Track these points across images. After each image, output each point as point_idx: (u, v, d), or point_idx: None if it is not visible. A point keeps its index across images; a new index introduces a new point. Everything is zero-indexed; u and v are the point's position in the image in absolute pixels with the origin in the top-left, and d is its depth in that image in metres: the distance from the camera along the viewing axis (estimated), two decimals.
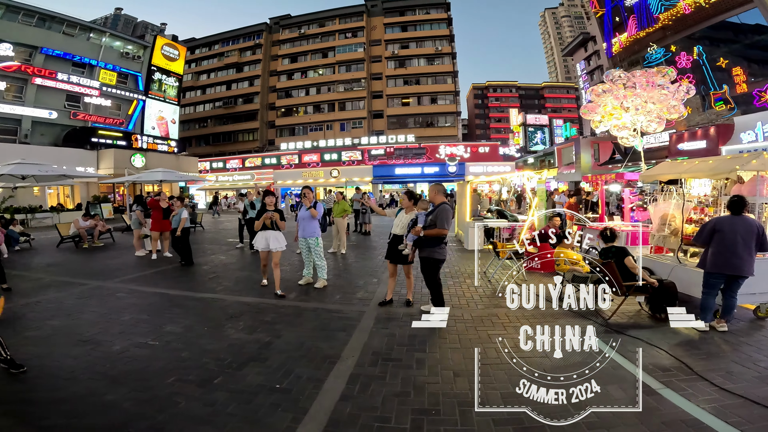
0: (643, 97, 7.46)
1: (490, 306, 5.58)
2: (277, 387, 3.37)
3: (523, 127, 53.39)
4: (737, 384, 3.21)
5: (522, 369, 3.49)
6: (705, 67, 19.86)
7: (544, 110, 70.71)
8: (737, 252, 4.23)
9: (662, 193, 5.71)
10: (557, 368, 3.58)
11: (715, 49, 19.66)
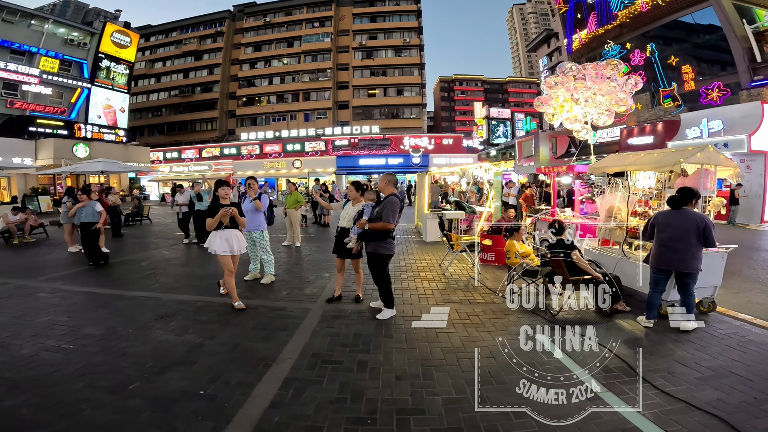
0: (592, 89, 7.53)
1: (441, 302, 5.42)
2: (201, 393, 3.11)
3: (487, 120, 54.47)
4: (679, 387, 3.14)
5: (461, 372, 3.40)
6: (656, 64, 20.75)
7: (507, 104, 72.31)
8: (677, 247, 4.18)
9: (609, 185, 5.75)
10: (505, 370, 3.47)
11: (667, 47, 20.55)
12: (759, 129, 14.38)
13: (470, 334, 4.25)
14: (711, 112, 16.62)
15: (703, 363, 3.51)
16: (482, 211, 9.39)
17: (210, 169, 34.67)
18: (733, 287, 5.93)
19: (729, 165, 4.61)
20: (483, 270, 7.10)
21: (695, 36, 19.57)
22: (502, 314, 4.86)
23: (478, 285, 6.19)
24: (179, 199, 11.04)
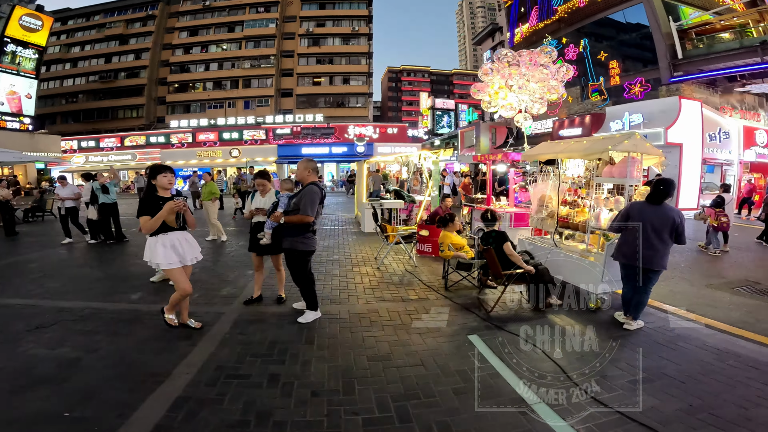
0: (526, 75, 7.47)
1: (372, 300, 5.04)
2: (67, 415, 2.63)
3: (432, 111, 55.47)
4: (613, 393, 2.93)
5: (387, 384, 3.02)
6: (587, 59, 21.79)
7: (452, 96, 74.14)
8: (650, 243, 3.91)
9: (541, 173, 5.65)
10: (434, 381, 3.12)
11: (598, 43, 21.60)
12: (675, 123, 15.49)
13: (400, 338, 3.89)
14: (633, 106, 17.70)
15: (634, 364, 3.35)
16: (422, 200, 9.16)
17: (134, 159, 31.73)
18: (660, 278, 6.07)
19: (654, 153, 4.63)
20: (420, 262, 6.82)
21: (624, 33, 20.68)
22: (435, 313, 4.57)
23: (413, 280, 5.87)
24: (61, 193, 8.99)
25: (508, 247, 4.68)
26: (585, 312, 4.55)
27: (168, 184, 3.81)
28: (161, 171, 3.81)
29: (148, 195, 3.76)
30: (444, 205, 7.49)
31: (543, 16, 24.92)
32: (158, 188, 3.77)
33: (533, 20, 25.99)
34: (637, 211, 3.97)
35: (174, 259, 3.72)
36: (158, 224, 3.60)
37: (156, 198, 3.72)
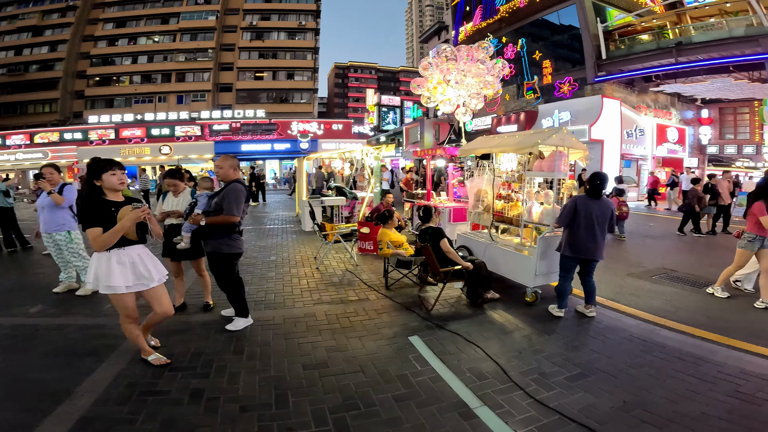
0: (463, 70, 7.54)
1: (310, 303, 4.77)
2: None
3: (378, 107, 55.90)
4: (551, 392, 2.89)
5: (324, 395, 2.80)
6: (524, 59, 22.79)
7: (398, 92, 75.12)
8: (594, 236, 4.09)
9: (477, 168, 5.69)
10: (374, 388, 2.93)
11: (534, 43, 22.62)
12: (598, 120, 16.68)
13: (338, 343, 3.68)
14: (562, 104, 18.84)
15: (569, 359, 3.39)
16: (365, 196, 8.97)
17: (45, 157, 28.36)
18: None
19: (580, 148, 4.80)
20: (361, 261, 6.64)
21: (557, 34, 21.82)
22: (375, 314, 4.40)
23: (353, 279, 5.68)
24: None
25: (444, 244, 4.63)
26: (522, 306, 4.61)
27: (119, 184, 2.99)
28: (107, 168, 2.94)
29: (92, 200, 2.93)
30: (385, 201, 7.36)
31: (486, 15, 25.70)
32: (105, 190, 2.97)
33: (477, 19, 26.73)
34: (583, 205, 4.10)
35: (130, 280, 2.94)
36: (117, 238, 2.86)
37: (105, 203, 2.91)
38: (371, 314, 4.38)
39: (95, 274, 2.90)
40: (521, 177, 4.94)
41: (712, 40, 15.12)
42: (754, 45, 13.85)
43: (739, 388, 2.90)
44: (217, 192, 3.81)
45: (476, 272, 4.54)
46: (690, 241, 8.90)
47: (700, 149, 20.84)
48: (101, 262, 2.89)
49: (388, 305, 4.66)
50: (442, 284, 4.55)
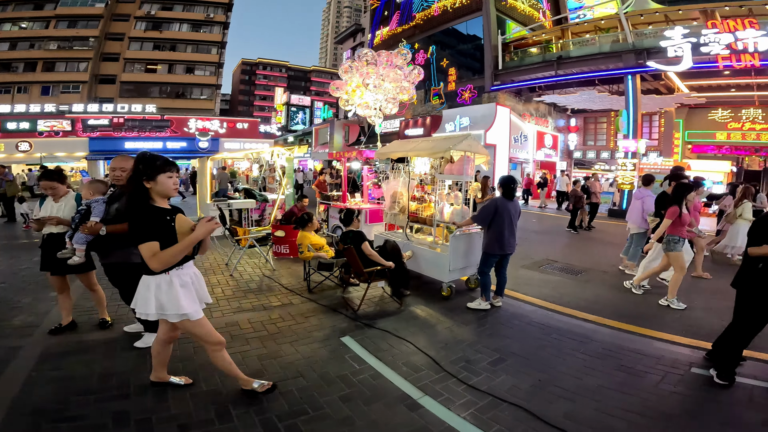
0: (382, 75, 7.77)
1: (229, 312, 4.49)
2: None
3: (287, 107, 54.39)
4: (479, 377, 3.16)
5: (268, 404, 2.69)
6: (432, 65, 24.09)
7: (309, 92, 74.00)
8: (513, 232, 4.61)
9: (393, 171, 5.91)
10: (318, 391, 2.91)
11: (442, 51, 23.98)
12: (492, 126, 18.36)
13: (270, 350, 3.55)
14: (462, 110, 20.36)
15: (488, 345, 3.73)
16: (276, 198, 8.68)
17: None
18: None
19: (484, 153, 5.28)
20: (278, 265, 6.43)
21: (463, 43, 23.47)
22: (302, 317, 4.32)
23: (273, 285, 5.48)
24: None
25: (366, 247, 4.74)
26: (439, 300, 4.92)
27: (173, 190, 2.51)
28: (165, 168, 2.42)
29: (145, 206, 2.39)
30: (300, 204, 7.23)
31: (403, 21, 26.58)
32: (154, 195, 2.45)
33: (393, 24, 27.50)
34: (503, 206, 4.53)
35: (196, 304, 2.52)
36: (184, 255, 2.41)
37: (159, 211, 2.42)
38: (298, 318, 4.30)
39: (158, 302, 2.40)
40: (434, 180, 5.27)
41: (585, 54, 17.42)
42: (617, 60, 16.19)
43: (622, 362, 3.45)
44: (115, 196, 3.38)
45: (400, 270, 4.73)
46: (569, 236, 10.25)
47: (568, 154, 24.00)
48: (161, 287, 2.40)
49: (313, 308, 4.62)
50: (367, 284, 4.65)
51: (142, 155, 2.47)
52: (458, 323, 4.27)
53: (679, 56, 13.72)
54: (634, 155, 15.17)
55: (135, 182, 2.41)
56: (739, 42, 12.81)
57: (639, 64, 15.17)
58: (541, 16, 23.20)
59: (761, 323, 3.02)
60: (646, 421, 2.63)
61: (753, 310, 3.03)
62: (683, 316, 4.61)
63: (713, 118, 19.43)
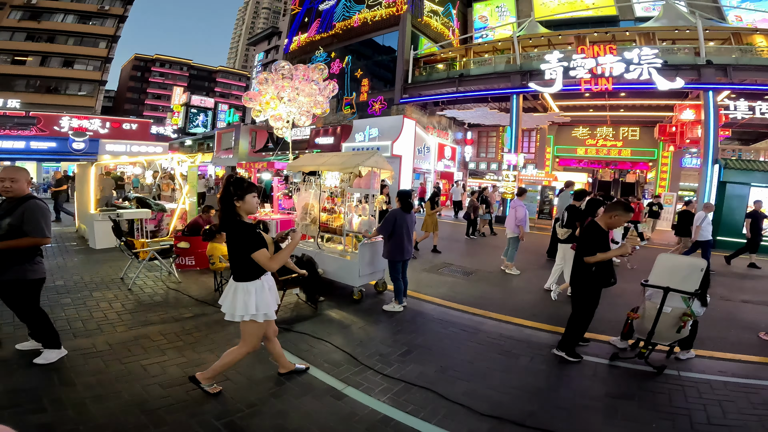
0: (297, 89, 7.92)
1: (136, 325, 4.34)
2: None
3: (186, 108, 50.30)
4: (392, 367, 3.64)
5: (201, 407, 2.83)
6: (347, 75, 24.43)
7: (213, 94, 69.97)
8: (411, 240, 5.16)
9: (304, 183, 6.14)
10: (249, 390, 3.11)
11: (358, 61, 24.37)
12: (399, 138, 19.42)
13: (190, 358, 3.60)
14: (372, 121, 21.15)
15: (397, 340, 4.25)
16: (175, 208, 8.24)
17: None
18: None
19: (388, 168, 5.81)
20: (184, 277, 6.22)
21: (378, 55, 24.16)
22: (219, 326, 4.36)
23: (181, 297, 5.34)
24: None
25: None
26: (352, 304, 5.33)
27: (255, 209, 2.97)
28: (251, 189, 2.91)
29: (242, 223, 2.85)
30: (206, 216, 7.02)
31: (322, 29, 26.43)
32: (241, 212, 2.87)
33: (313, 31, 27.22)
34: (401, 217, 5.06)
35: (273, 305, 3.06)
36: (285, 259, 2.94)
37: (253, 225, 2.89)
38: (215, 327, 4.35)
39: (257, 303, 2.87)
40: (343, 192, 5.64)
41: (482, 74, 19.22)
42: (506, 80, 18.15)
43: (503, 347, 4.19)
44: (6, 210, 3.11)
45: (310, 270, 5.02)
46: (465, 241, 11.40)
47: (464, 165, 26.26)
48: (261, 291, 2.90)
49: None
50: (283, 291, 4.84)
51: (231, 178, 2.94)
52: (370, 323, 4.73)
53: (553, 78, 15.73)
54: (515, 167, 17.28)
55: (227, 202, 2.85)
56: (599, 67, 14.90)
57: (523, 84, 17.17)
58: (450, 34, 25.01)
59: (592, 312, 3.87)
60: (522, 394, 3.30)
61: (586, 303, 3.85)
62: (548, 308, 5.63)
63: (576, 135, 23.02)
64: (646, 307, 3.85)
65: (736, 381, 3.58)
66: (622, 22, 22.04)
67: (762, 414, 3.05)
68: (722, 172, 12.90)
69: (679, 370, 3.74)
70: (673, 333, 3.68)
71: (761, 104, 13.87)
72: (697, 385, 3.47)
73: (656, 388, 3.42)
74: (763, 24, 19.18)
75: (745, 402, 3.22)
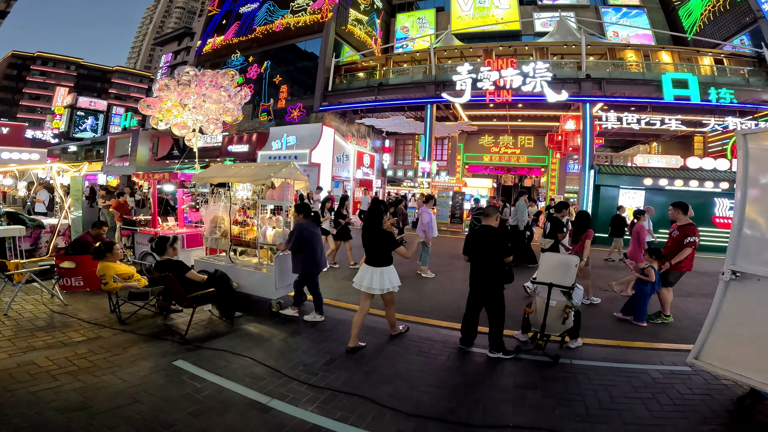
0: (203, 96, 7.35)
1: (17, 352, 3.83)
2: None
3: (71, 110, 44.93)
4: (317, 376, 3.61)
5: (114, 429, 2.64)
6: (265, 81, 23.43)
7: (107, 95, 63.97)
8: (322, 252, 5.11)
9: (213, 195, 5.77)
10: (165, 411, 2.89)
11: (278, 67, 23.48)
12: (318, 146, 19.24)
13: (88, 383, 3.28)
14: (290, 129, 20.65)
15: (320, 350, 4.20)
16: (55, 224, 7.23)
17: None
18: None
19: (302, 179, 5.72)
20: (71, 300, 5.50)
21: (299, 61, 23.58)
22: (119, 349, 4.00)
23: (69, 320, 4.74)
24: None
25: (192, 274, 4.71)
26: (270, 316, 5.14)
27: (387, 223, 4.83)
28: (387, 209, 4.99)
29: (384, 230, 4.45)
30: (94, 231, 6.26)
31: (241, 33, 25.12)
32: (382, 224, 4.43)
33: (230, 34, 25.76)
34: (309, 229, 4.94)
35: None
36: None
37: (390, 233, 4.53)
38: (114, 350, 3.98)
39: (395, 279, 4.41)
40: (255, 204, 5.42)
41: (400, 83, 19.86)
42: (422, 90, 18.97)
43: (421, 349, 4.35)
44: None
45: (223, 286, 4.74)
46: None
47: (382, 172, 26.83)
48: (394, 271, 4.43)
49: (131, 339, 4.30)
50: (192, 309, 4.52)
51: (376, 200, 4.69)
52: (291, 334, 4.62)
53: (464, 89, 16.82)
54: (429, 174, 18.15)
55: (376, 215, 4.40)
56: (502, 79, 16.19)
57: (436, 94, 18.13)
58: (373, 43, 25.35)
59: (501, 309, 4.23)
60: (441, 392, 3.47)
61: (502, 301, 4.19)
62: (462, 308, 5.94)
63: (482, 143, 24.93)
64: (537, 302, 4.30)
65: (618, 366, 4.03)
66: (524, 37, 24.31)
67: (644, 396, 3.42)
68: (597, 177, 14.81)
69: (571, 359, 4.16)
70: (560, 324, 4.15)
71: (628, 115, 16.25)
72: (586, 372, 3.89)
73: (554, 377, 3.79)
74: (635, 39, 22.46)
75: (628, 386, 3.61)
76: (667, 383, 3.70)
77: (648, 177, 14.08)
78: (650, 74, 17.24)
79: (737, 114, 16.41)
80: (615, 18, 24.27)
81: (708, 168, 14.47)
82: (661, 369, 4.02)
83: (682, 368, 3.95)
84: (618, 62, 18.32)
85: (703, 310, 5.85)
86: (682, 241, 5.28)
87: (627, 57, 18.98)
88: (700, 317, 5.60)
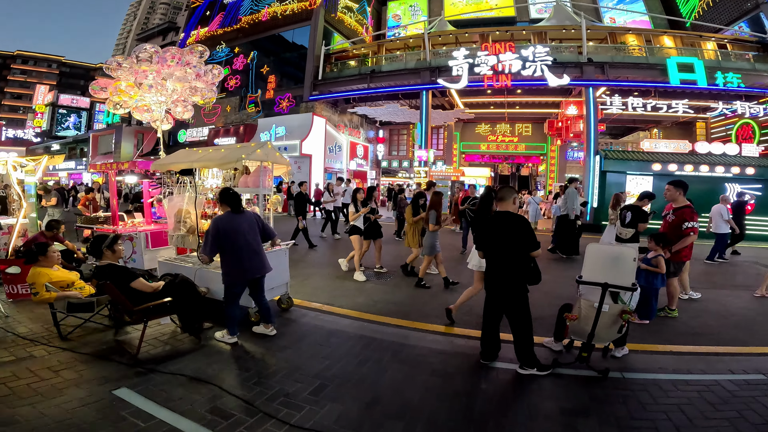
0: (162, 74, 6.41)
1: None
2: None
3: (52, 108, 44.02)
4: (302, 411, 2.75)
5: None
6: (252, 71, 22.47)
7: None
8: (256, 251, 3.86)
9: (177, 185, 4.91)
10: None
11: (265, 57, 22.53)
12: (308, 136, 18.40)
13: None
14: (279, 119, 19.77)
15: (307, 373, 3.31)
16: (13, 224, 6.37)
17: None
18: (300, 276, 6.47)
19: (283, 163, 4.88)
20: (16, 310, 4.71)
21: (287, 51, 22.67)
22: (50, 372, 3.18)
23: (4, 336, 3.93)
24: None
25: (139, 283, 3.79)
26: (247, 327, 4.21)
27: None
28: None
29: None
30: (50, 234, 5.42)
31: (226, 23, 24.20)
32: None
33: (215, 25, 24.79)
34: (226, 225, 3.77)
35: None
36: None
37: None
38: (44, 374, 3.17)
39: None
40: None
41: (394, 70, 19.00)
42: (416, 77, 18.14)
43: (433, 366, 3.48)
44: None
45: (191, 300, 3.88)
46: (392, 241, 10.59)
47: (377, 163, 26.04)
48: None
49: (69, 359, 3.47)
50: (144, 323, 3.64)
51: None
52: (272, 350, 3.75)
53: (460, 75, 16.10)
54: (426, 163, 17.39)
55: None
56: (500, 63, 15.54)
57: (432, 81, 17.38)
58: (364, 31, 24.50)
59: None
60: (470, 425, 2.65)
61: (527, 304, 3.40)
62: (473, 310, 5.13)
63: (479, 131, 24.12)
64: (582, 306, 3.43)
65: (681, 378, 3.30)
66: (519, 23, 23.48)
67: (730, 416, 2.75)
68: (603, 162, 14.13)
69: (621, 372, 3.39)
70: (613, 333, 3.34)
71: (633, 100, 15.59)
72: (646, 388, 3.13)
73: (608, 397, 3.02)
74: (633, 26, 21.79)
75: (704, 403, 2.92)
76: (748, 396, 2.98)
77: (657, 162, 13.41)
78: (654, 58, 16.57)
79: (743, 98, 15.80)
80: (611, 3, 23.71)
81: (717, 153, 13.84)
82: (734, 379, 3.27)
83: (756, 377, 3.26)
84: (620, 46, 17.62)
85: (722, 305, 5.33)
86: (679, 224, 4.63)
87: (628, 41, 18.26)
88: (718, 311, 5.06)
